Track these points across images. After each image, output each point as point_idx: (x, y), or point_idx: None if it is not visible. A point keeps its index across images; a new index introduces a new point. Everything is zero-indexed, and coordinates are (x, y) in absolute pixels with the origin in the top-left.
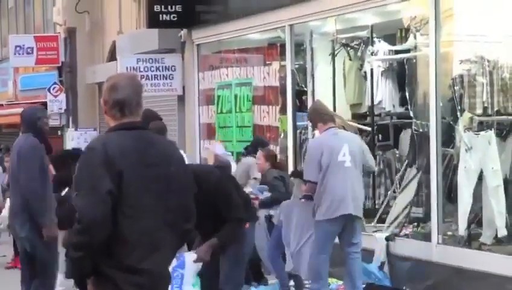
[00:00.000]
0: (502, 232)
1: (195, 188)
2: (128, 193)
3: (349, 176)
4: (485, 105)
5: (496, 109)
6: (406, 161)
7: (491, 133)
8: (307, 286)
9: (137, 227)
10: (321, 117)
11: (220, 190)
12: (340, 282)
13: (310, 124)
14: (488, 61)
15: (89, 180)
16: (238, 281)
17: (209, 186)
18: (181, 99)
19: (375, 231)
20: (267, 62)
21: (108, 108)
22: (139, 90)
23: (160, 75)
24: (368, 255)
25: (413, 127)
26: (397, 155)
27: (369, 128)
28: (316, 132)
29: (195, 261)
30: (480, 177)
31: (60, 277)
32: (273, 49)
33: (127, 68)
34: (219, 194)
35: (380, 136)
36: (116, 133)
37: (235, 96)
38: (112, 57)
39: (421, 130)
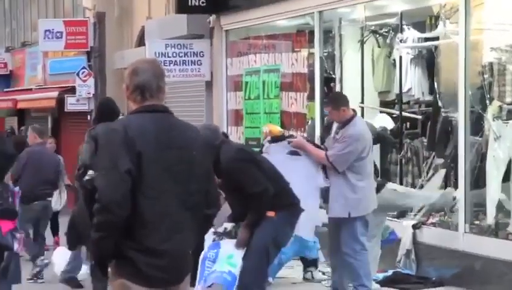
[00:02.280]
0: None
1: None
2: (148, 174)
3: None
4: None
5: None
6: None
7: None
8: None
9: (157, 208)
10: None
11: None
12: None
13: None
14: None
15: (109, 160)
16: (258, 270)
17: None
18: (209, 85)
19: (402, 219)
20: (296, 49)
21: (130, 92)
22: (159, 74)
23: (188, 61)
24: (395, 243)
25: (441, 115)
26: (425, 143)
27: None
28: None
29: (237, 247)
30: (509, 167)
31: (85, 268)
32: (301, 36)
33: (155, 53)
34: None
35: (408, 124)
36: (136, 116)
37: (263, 82)
38: (141, 42)
39: (449, 119)
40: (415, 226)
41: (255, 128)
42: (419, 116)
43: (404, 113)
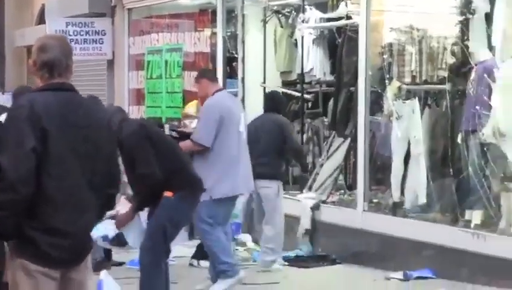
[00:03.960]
0: (422, 200)
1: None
2: (53, 153)
3: None
4: (414, 74)
5: (424, 78)
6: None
7: (415, 102)
8: None
9: (62, 188)
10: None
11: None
12: None
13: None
14: (418, 30)
15: (14, 137)
16: (155, 249)
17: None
18: (111, 64)
19: (302, 195)
20: (198, 28)
21: (37, 69)
22: (68, 52)
23: (89, 39)
24: (295, 221)
25: (342, 95)
26: (326, 123)
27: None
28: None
29: (116, 227)
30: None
31: None
32: (204, 15)
33: (56, 31)
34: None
35: (309, 103)
36: (43, 93)
37: (166, 62)
38: (41, 20)
39: (350, 98)
40: (313, 207)
41: (156, 107)
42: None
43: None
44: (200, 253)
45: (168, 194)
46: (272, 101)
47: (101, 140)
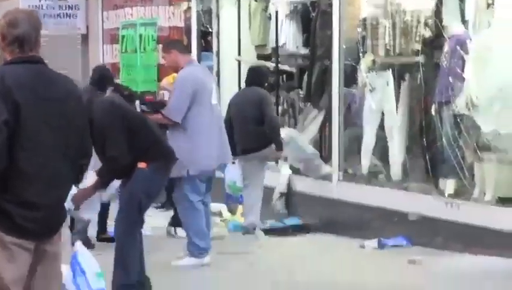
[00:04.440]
0: (397, 170)
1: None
2: (26, 126)
3: None
4: (387, 47)
5: (397, 51)
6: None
7: (389, 74)
8: None
9: (35, 161)
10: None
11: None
12: None
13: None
14: (391, 4)
15: None
16: (129, 219)
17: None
18: (85, 38)
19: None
20: (173, 2)
21: (7, 43)
22: (38, 26)
23: (63, 14)
24: (272, 192)
25: (317, 68)
26: (301, 95)
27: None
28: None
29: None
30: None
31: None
32: None
33: (29, 6)
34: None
35: (285, 76)
36: (13, 66)
37: (140, 36)
38: None
39: (325, 71)
40: (290, 175)
41: (131, 81)
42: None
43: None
44: (177, 221)
45: (141, 165)
46: (255, 74)
47: (73, 113)
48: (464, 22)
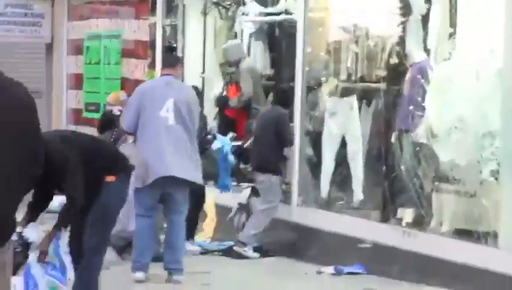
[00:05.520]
0: (358, 196)
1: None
2: None
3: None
4: (350, 71)
5: (359, 75)
6: None
7: (354, 98)
8: None
9: None
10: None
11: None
12: None
13: None
14: (358, 29)
15: None
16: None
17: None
18: (49, 47)
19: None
20: (138, 16)
21: None
22: None
23: (28, 22)
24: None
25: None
26: None
27: None
28: None
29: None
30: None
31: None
32: (144, 4)
33: None
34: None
35: None
36: None
37: (104, 47)
38: None
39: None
40: (251, 194)
41: (94, 93)
42: None
43: None
44: None
45: (110, 178)
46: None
47: (26, 121)
48: (426, 50)
